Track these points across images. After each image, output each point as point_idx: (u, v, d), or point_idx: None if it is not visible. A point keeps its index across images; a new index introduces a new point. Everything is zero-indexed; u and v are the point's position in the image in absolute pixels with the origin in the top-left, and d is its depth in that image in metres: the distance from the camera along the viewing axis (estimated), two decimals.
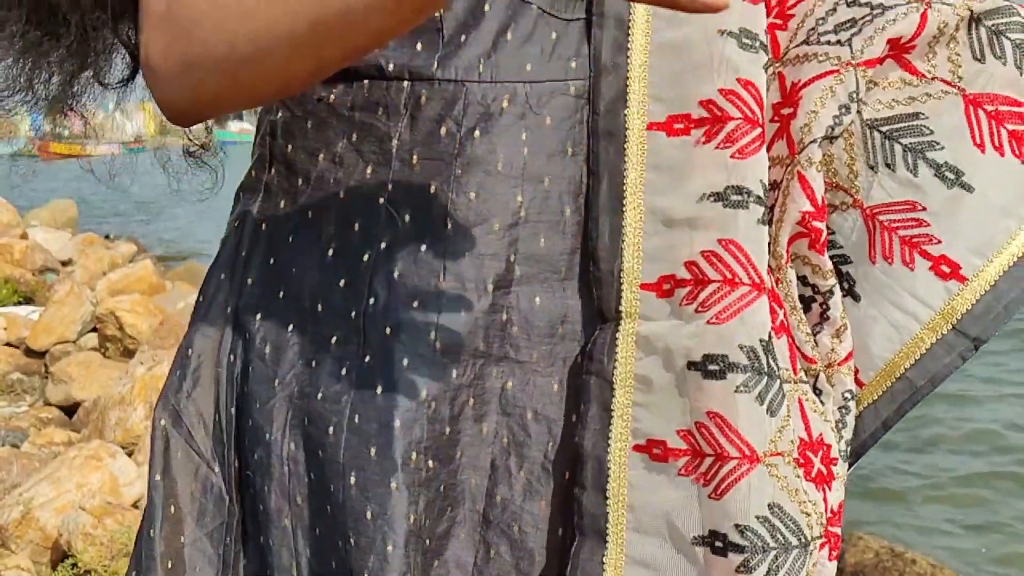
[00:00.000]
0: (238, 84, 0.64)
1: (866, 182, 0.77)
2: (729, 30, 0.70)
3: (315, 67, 0.62)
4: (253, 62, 0.62)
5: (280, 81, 0.64)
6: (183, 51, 0.65)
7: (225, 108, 0.69)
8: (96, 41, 0.79)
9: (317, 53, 0.61)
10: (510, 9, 0.71)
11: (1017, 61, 0.76)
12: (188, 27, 0.64)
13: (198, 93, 0.66)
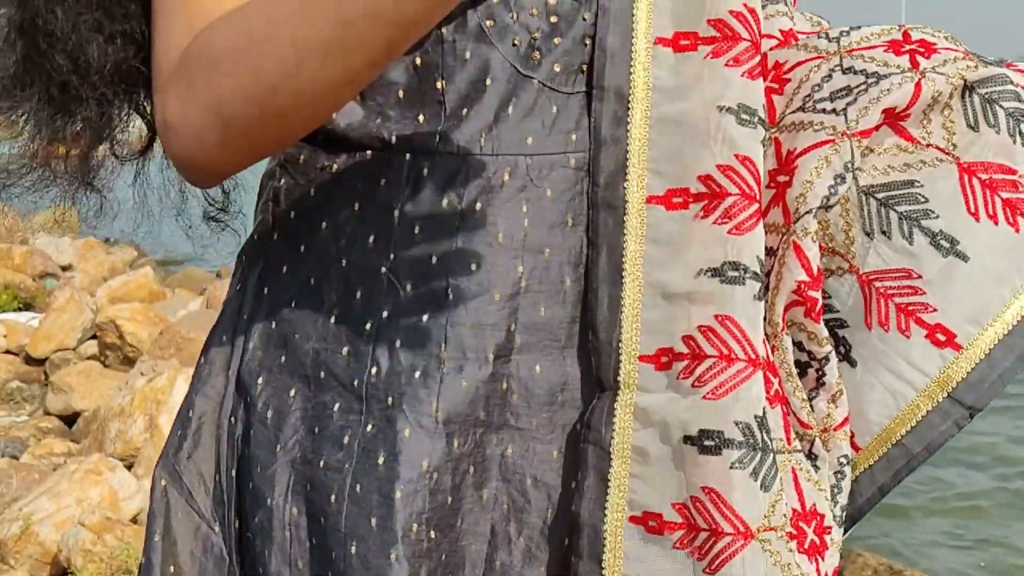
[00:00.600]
0: (266, 115, 0.64)
1: (862, 248, 0.78)
2: (728, 106, 0.71)
3: (344, 77, 0.61)
4: (281, 85, 0.62)
5: (310, 103, 0.63)
6: (205, 95, 0.65)
7: (252, 150, 0.68)
8: (111, 114, 0.79)
9: (345, 60, 0.60)
10: (511, 83, 0.72)
11: (1010, 129, 0.77)
12: (207, 68, 0.65)
13: (224, 138, 0.66)
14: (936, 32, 0.84)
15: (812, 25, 0.92)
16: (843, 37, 0.83)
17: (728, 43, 0.73)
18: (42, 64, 0.75)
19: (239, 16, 0.64)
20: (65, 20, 0.72)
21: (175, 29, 0.67)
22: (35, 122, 0.78)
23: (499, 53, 0.72)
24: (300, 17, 0.61)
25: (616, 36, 0.73)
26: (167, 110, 0.67)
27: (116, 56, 0.75)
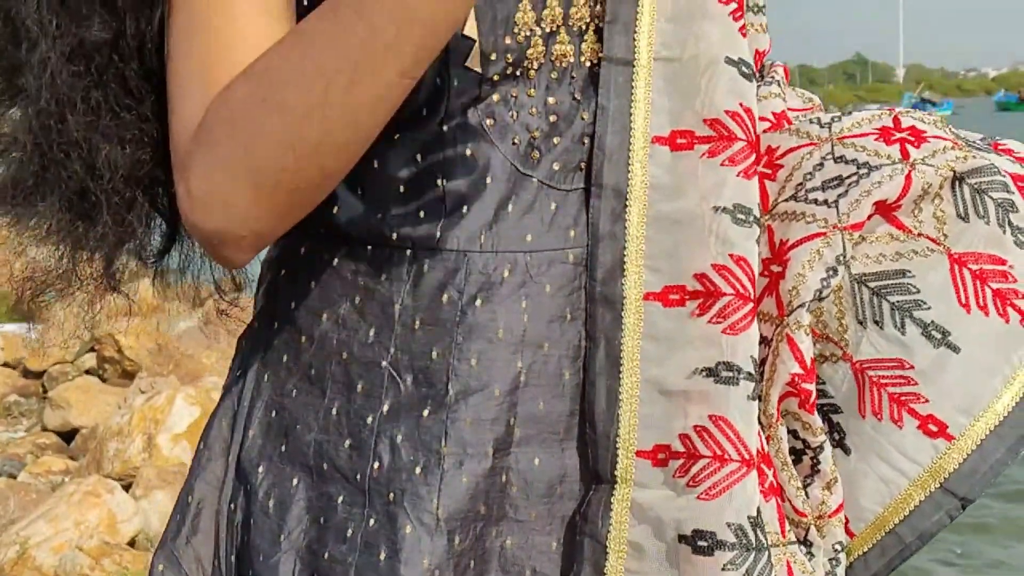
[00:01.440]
0: (299, 156, 0.63)
1: (855, 336, 0.79)
2: (723, 206, 0.73)
3: (374, 95, 0.62)
4: (310, 116, 0.62)
5: (342, 131, 0.63)
6: (230, 152, 0.65)
7: (287, 205, 0.66)
8: (131, 218, 0.79)
9: (374, 75, 0.61)
10: (511, 182, 0.74)
11: (999, 219, 0.79)
12: (229, 124, 0.65)
13: (256, 195, 0.65)
14: (926, 117, 0.86)
15: (803, 101, 0.94)
16: (835, 123, 0.85)
17: (724, 143, 0.74)
18: (59, 172, 0.75)
19: (253, 66, 0.65)
20: (78, 128, 0.73)
21: (190, 104, 0.68)
22: (56, 230, 0.78)
23: (499, 152, 0.74)
24: (321, 40, 0.62)
25: (614, 135, 0.74)
26: (191, 183, 0.66)
27: (132, 159, 0.75)
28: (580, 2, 0.75)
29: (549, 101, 0.75)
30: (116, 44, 0.72)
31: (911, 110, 0.88)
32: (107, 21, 0.72)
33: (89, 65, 0.72)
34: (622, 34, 0.75)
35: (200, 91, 0.67)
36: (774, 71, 0.92)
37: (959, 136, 0.86)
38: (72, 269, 0.81)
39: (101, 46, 0.72)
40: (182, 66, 0.69)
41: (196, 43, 0.68)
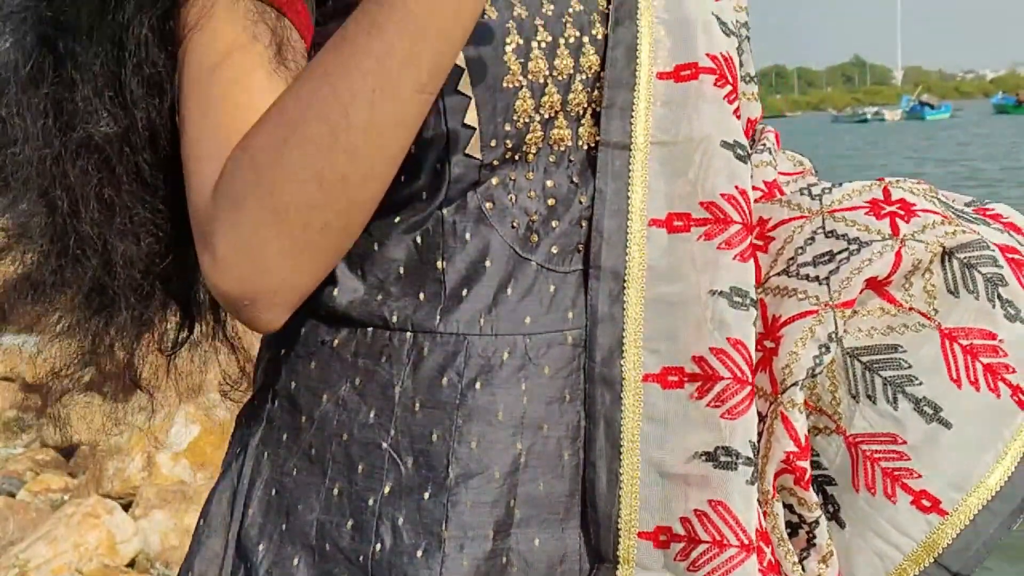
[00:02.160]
0: (327, 190, 0.63)
1: (848, 410, 0.80)
2: (720, 289, 0.74)
3: (396, 113, 0.63)
4: (334, 145, 0.62)
5: (369, 157, 0.63)
6: (255, 200, 0.64)
7: (319, 249, 0.65)
8: (149, 309, 0.79)
9: (395, 94, 0.62)
10: (510, 265, 0.75)
11: (989, 294, 0.80)
12: (250, 173, 0.64)
13: (286, 244, 0.64)
14: (915, 188, 0.87)
15: (794, 165, 0.95)
16: (825, 195, 0.86)
17: (720, 226, 0.76)
18: (76, 270, 0.75)
19: (268, 112, 0.65)
20: (92, 225, 0.73)
21: (207, 168, 0.67)
22: (75, 327, 0.78)
23: (498, 235, 0.75)
24: (336, 69, 0.63)
25: (612, 218, 0.76)
26: (217, 245, 0.65)
27: (148, 252, 0.76)
28: (578, 88, 0.77)
29: (547, 184, 0.76)
30: (126, 137, 0.73)
31: (901, 180, 0.89)
32: (115, 114, 0.72)
33: (99, 160, 0.73)
34: (619, 119, 0.77)
35: (217, 155, 0.67)
36: (765, 137, 0.93)
37: (948, 206, 0.87)
38: (96, 364, 0.81)
39: (111, 140, 0.72)
40: (197, 137, 0.69)
41: (211, 114, 0.68)
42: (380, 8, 0.63)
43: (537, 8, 0.75)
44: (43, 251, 0.76)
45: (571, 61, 0.76)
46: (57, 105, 0.72)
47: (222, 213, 0.65)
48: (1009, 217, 0.89)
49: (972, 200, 0.92)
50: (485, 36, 0.72)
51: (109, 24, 0.70)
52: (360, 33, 0.63)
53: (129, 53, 0.70)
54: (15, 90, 0.73)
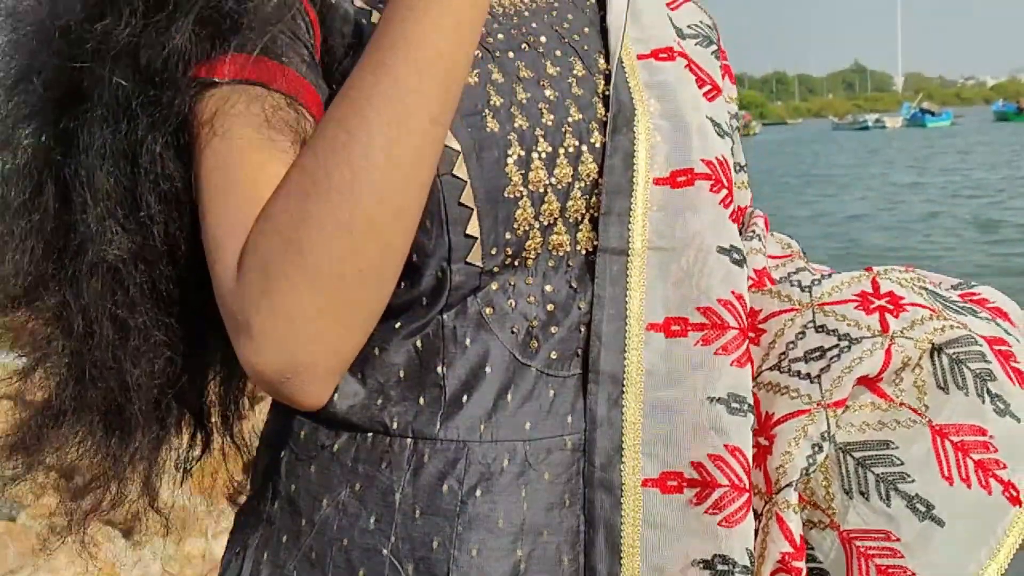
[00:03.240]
0: (358, 236, 0.63)
1: (842, 505, 0.81)
2: (718, 396, 0.75)
3: (413, 147, 0.64)
4: (358, 185, 0.62)
5: (394, 196, 0.64)
6: (284, 262, 0.63)
7: (356, 304, 0.65)
8: (165, 430, 0.80)
9: (409, 125, 0.63)
10: (510, 371, 0.76)
11: (978, 390, 0.81)
12: (274, 236, 0.64)
13: (321, 302, 0.63)
14: (904, 279, 0.87)
15: (782, 248, 0.96)
16: (815, 286, 0.87)
17: (717, 331, 0.77)
18: (93, 393, 0.76)
19: (288, 175, 0.65)
20: (107, 349, 0.73)
21: (231, 246, 0.67)
22: (94, 449, 0.79)
23: (498, 341, 0.76)
24: (351, 116, 0.64)
25: (610, 323, 0.77)
26: (252, 322, 0.64)
27: (163, 373, 0.76)
28: (576, 195, 0.78)
29: (546, 289, 0.77)
30: (141, 254, 0.72)
31: (890, 269, 0.90)
32: (130, 232, 0.72)
33: (112, 280, 0.73)
34: (616, 225, 0.78)
35: (239, 235, 0.66)
36: (754, 223, 0.94)
37: (936, 295, 0.87)
38: (119, 487, 0.81)
39: (124, 260, 0.72)
40: (217, 223, 0.68)
41: (231, 199, 0.68)
42: (383, 49, 0.64)
43: (537, 118, 0.77)
44: (62, 375, 0.76)
45: (570, 170, 0.77)
46: (67, 229, 0.72)
47: (252, 287, 0.64)
48: (994, 301, 0.90)
49: (959, 283, 0.93)
50: (487, 148, 0.73)
51: (121, 143, 0.70)
52: (367, 76, 0.64)
53: (144, 171, 0.70)
54: (19, 218, 0.73)
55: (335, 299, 0.64)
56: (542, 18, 0.84)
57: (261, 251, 0.64)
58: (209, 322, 0.79)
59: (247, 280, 0.65)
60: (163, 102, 0.68)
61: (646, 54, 0.85)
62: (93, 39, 0.69)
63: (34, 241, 0.73)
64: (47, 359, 0.77)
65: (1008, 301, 0.91)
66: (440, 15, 0.64)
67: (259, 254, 0.64)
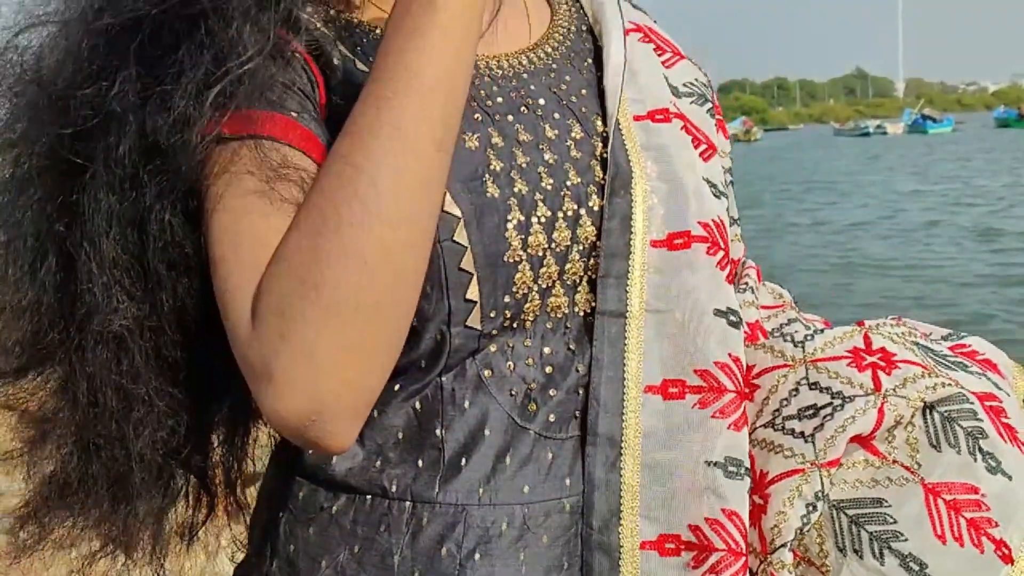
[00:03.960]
0: (373, 265, 0.63)
1: (836, 563, 0.82)
2: (715, 460, 0.76)
3: (417, 173, 0.65)
4: (368, 216, 0.63)
5: (404, 223, 0.64)
6: (301, 301, 0.63)
7: (374, 334, 0.64)
8: (170, 492, 0.80)
9: (416, 151, 0.64)
10: (509, 434, 0.77)
11: (970, 448, 0.82)
12: (289, 271, 0.64)
13: (339, 338, 0.63)
14: (895, 335, 0.88)
15: (774, 298, 0.97)
16: (807, 342, 0.88)
17: (714, 394, 0.78)
18: (100, 466, 0.76)
19: (296, 216, 0.66)
20: (111, 420, 0.74)
21: (244, 295, 0.66)
22: (101, 519, 0.79)
23: (497, 404, 0.77)
24: (357, 150, 0.64)
25: (608, 386, 0.78)
26: (271, 366, 0.63)
27: (167, 440, 0.77)
28: (575, 258, 0.79)
29: (545, 351, 0.78)
30: (147, 322, 0.73)
31: (882, 323, 0.91)
32: (136, 299, 0.72)
33: (117, 348, 0.73)
34: (614, 288, 0.79)
35: (252, 280, 0.66)
36: (747, 275, 0.95)
37: (927, 349, 0.88)
38: (123, 554, 0.82)
39: (130, 328, 0.72)
40: (228, 272, 0.68)
41: (242, 249, 0.68)
42: (383, 81, 0.65)
43: (536, 183, 0.78)
44: (68, 447, 0.77)
45: (569, 233, 0.78)
46: (72, 299, 0.72)
47: (270, 331, 0.64)
48: (984, 353, 0.91)
49: (949, 333, 0.94)
50: (487, 214, 0.74)
51: (128, 210, 0.70)
52: (369, 110, 0.65)
53: (152, 238, 0.71)
54: (22, 289, 0.73)
55: (355, 333, 0.63)
56: (540, 79, 0.85)
57: (276, 293, 0.64)
58: (213, 385, 0.80)
59: (264, 325, 0.64)
60: (171, 168, 0.68)
61: (643, 115, 0.86)
62: (91, 106, 0.69)
63: (38, 312, 0.74)
64: (54, 431, 0.78)
65: (996, 351, 0.92)
66: (439, 43, 0.65)
67: (274, 296, 0.64)
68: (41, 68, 0.73)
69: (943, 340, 0.92)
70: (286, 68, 0.73)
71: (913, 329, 0.92)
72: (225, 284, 0.68)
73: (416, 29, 0.65)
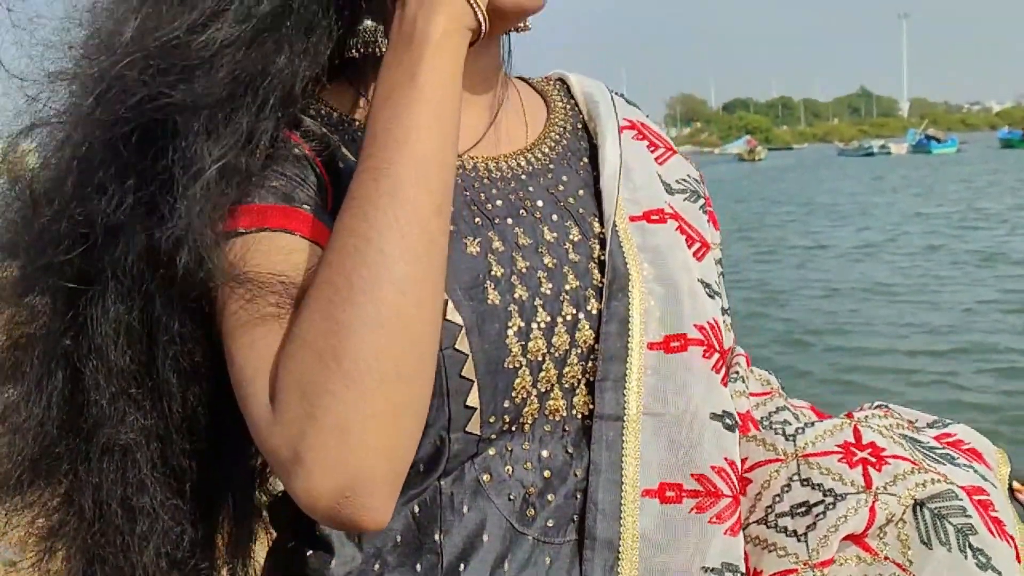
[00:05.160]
0: (391, 332, 0.64)
1: None
2: (712, 566, 0.78)
3: (424, 242, 0.66)
4: (382, 284, 0.64)
5: (413, 285, 0.65)
6: (323, 373, 0.63)
7: (398, 401, 0.64)
8: None
9: (415, 209, 0.66)
10: (507, 539, 0.78)
11: (960, 545, 0.83)
12: (306, 345, 0.64)
13: (365, 407, 0.63)
14: (884, 428, 0.90)
15: (762, 385, 0.98)
16: (799, 435, 0.90)
17: (711, 499, 0.80)
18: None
19: (309, 294, 0.67)
20: (116, 533, 0.75)
21: (261, 386, 0.66)
22: None
23: (495, 508, 0.78)
24: (356, 222, 0.66)
25: (606, 490, 0.79)
26: (300, 448, 0.63)
27: (171, 553, 0.78)
28: (573, 362, 0.81)
29: (543, 455, 0.80)
30: (155, 432, 0.74)
31: (870, 415, 0.93)
32: (143, 409, 0.73)
33: (122, 459, 0.74)
34: (612, 391, 0.81)
35: (269, 367, 0.67)
36: (737, 363, 0.96)
37: (915, 442, 0.90)
38: None
39: (138, 440, 0.74)
40: (243, 364, 0.68)
41: (258, 343, 0.68)
42: (377, 156, 0.67)
43: (536, 288, 0.80)
44: (73, 559, 0.79)
45: (568, 338, 0.80)
46: (79, 410, 0.74)
47: (294, 412, 0.64)
48: (970, 442, 0.93)
49: (934, 420, 0.95)
50: (489, 321, 0.76)
51: (136, 320, 0.71)
52: (366, 184, 0.67)
53: (162, 348, 0.72)
54: (27, 407, 0.74)
55: (380, 401, 0.63)
56: (539, 180, 0.87)
57: (296, 372, 0.64)
58: (218, 486, 0.82)
59: (286, 407, 0.64)
60: (178, 276, 0.69)
61: (638, 216, 0.88)
62: (92, 222, 0.70)
63: (44, 427, 0.74)
64: (61, 544, 0.79)
65: (980, 439, 0.94)
66: (425, 115, 0.68)
67: (294, 375, 0.64)
68: (35, 187, 0.74)
69: (929, 428, 0.94)
70: (296, 164, 0.75)
71: (900, 420, 0.93)
72: (242, 374, 0.68)
73: (402, 106, 0.68)
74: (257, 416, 0.66)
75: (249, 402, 0.67)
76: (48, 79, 0.75)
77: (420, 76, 0.68)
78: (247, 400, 0.67)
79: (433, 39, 0.69)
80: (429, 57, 0.69)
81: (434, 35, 0.69)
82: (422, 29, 0.69)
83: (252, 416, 0.67)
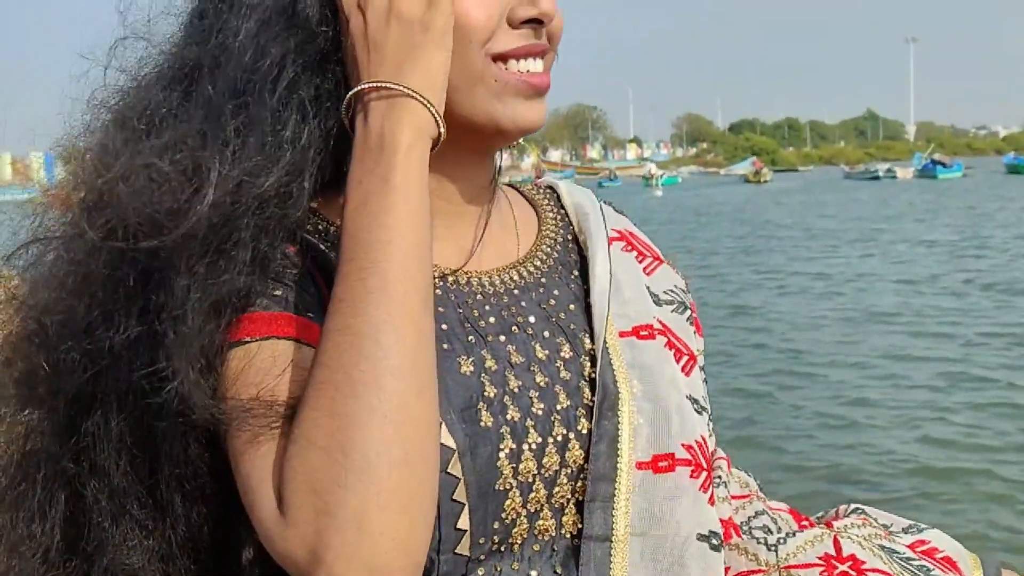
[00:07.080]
0: (397, 423, 0.65)
1: None
2: None
3: (416, 332, 0.69)
4: (382, 373, 0.66)
5: (411, 371, 0.67)
6: (333, 466, 0.63)
7: (408, 484, 0.65)
8: None
9: (409, 314, 0.69)
10: None
11: None
12: (309, 443, 0.65)
13: (377, 491, 0.64)
14: (864, 540, 0.93)
15: (740, 487, 1.01)
16: (780, 546, 0.93)
17: None
18: None
19: (306, 394, 0.68)
20: None
21: (268, 488, 0.67)
22: None
23: None
24: (347, 320, 0.68)
25: None
26: (318, 548, 0.63)
27: None
28: (563, 482, 0.83)
29: (531, 575, 0.82)
30: (159, 552, 0.75)
31: (849, 524, 0.95)
32: (148, 531, 0.74)
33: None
34: (600, 511, 0.82)
35: (274, 473, 0.68)
36: (718, 466, 0.98)
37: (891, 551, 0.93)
38: None
39: (142, 564, 0.75)
40: (249, 472, 0.69)
41: (263, 443, 0.69)
42: (359, 259, 0.70)
43: (528, 408, 0.82)
44: None
45: (558, 458, 0.82)
46: (80, 533, 0.75)
47: (307, 513, 0.64)
48: (943, 550, 0.96)
49: (910, 525, 0.98)
50: (481, 444, 0.78)
51: (140, 439, 0.73)
52: (353, 284, 0.69)
53: (165, 469, 0.73)
54: (27, 536, 0.75)
55: (393, 488, 0.64)
56: (530, 295, 0.89)
57: (304, 471, 0.65)
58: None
59: (299, 508, 0.64)
60: (187, 408, 0.70)
61: (628, 331, 0.91)
62: (99, 351, 0.72)
63: (49, 554, 0.76)
64: None
65: (953, 545, 0.97)
66: (403, 215, 0.71)
67: (303, 475, 0.65)
68: (44, 325, 0.76)
69: (904, 534, 0.97)
70: (296, 275, 0.77)
71: (876, 528, 0.96)
72: (248, 481, 0.69)
73: (381, 208, 0.71)
74: (267, 521, 0.67)
75: (257, 507, 0.68)
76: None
77: (394, 179, 0.72)
78: (255, 506, 0.68)
79: (403, 146, 0.73)
80: (401, 162, 0.73)
81: (403, 142, 0.73)
82: (390, 138, 0.73)
83: (262, 522, 0.68)
